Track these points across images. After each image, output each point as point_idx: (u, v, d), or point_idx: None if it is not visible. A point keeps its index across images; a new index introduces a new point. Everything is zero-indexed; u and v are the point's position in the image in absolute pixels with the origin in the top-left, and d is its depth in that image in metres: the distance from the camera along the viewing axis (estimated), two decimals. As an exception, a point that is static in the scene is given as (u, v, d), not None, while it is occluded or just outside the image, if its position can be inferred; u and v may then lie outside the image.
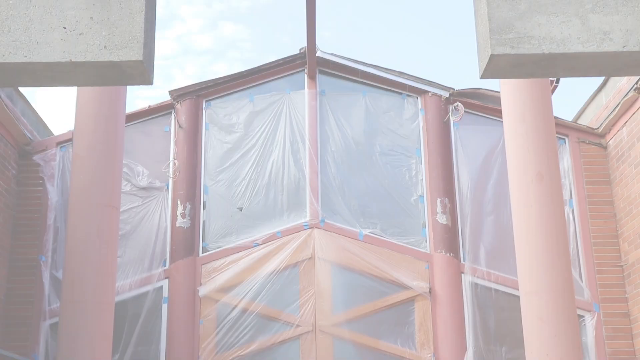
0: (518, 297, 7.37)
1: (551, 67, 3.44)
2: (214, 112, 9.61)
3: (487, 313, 8.78)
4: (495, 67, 3.45)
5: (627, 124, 8.44)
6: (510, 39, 3.35)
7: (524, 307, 7.08)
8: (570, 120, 9.64)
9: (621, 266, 8.63)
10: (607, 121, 8.79)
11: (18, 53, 3.33)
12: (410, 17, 24.43)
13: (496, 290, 8.83)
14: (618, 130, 8.67)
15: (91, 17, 3.38)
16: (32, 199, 8.79)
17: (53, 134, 9.58)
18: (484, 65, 3.47)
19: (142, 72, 3.44)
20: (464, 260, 8.95)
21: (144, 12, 3.41)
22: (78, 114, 7.41)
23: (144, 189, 9.15)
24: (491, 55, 3.36)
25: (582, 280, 8.69)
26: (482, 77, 3.57)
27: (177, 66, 24.27)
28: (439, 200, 9.09)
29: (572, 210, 8.93)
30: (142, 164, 9.26)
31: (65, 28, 3.37)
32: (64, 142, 9.05)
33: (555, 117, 7.94)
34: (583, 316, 8.50)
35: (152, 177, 9.22)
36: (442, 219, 9.02)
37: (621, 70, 3.46)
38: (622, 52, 3.28)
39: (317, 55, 9.41)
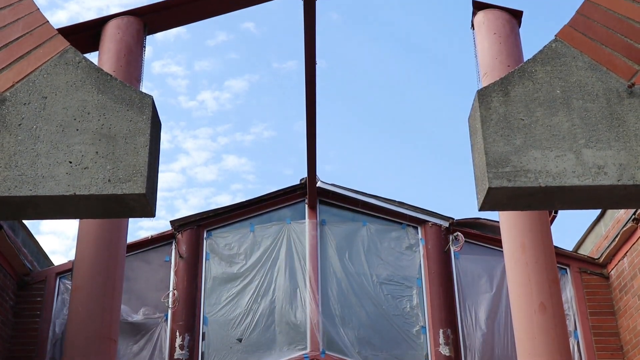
0: None
1: (548, 200, 3.48)
2: (215, 242, 9.62)
3: None
4: (493, 199, 3.48)
5: (627, 254, 8.43)
6: (507, 173, 3.40)
7: None
8: (571, 249, 9.64)
9: (631, 400, 8.38)
10: (607, 251, 8.79)
11: (23, 187, 3.37)
12: (410, 148, 24.91)
13: None
14: (619, 261, 8.65)
15: (97, 152, 3.45)
16: (29, 331, 8.66)
17: (53, 264, 9.56)
18: (482, 198, 3.50)
19: (144, 205, 3.47)
20: (468, 394, 8.71)
21: (148, 146, 3.48)
22: (79, 244, 7.40)
23: (140, 322, 9.03)
24: (489, 188, 3.40)
25: (591, 416, 8.43)
26: (480, 210, 3.60)
27: (181, 197, 24.54)
28: (441, 331, 8.95)
29: (578, 342, 8.77)
30: (141, 294, 9.19)
31: (71, 162, 3.43)
32: (64, 272, 9.01)
33: (556, 247, 7.94)
34: None
35: (149, 310, 9.11)
36: (445, 350, 8.85)
37: (617, 203, 3.49)
38: (617, 186, 3.33)
39: (317, 185, 9.54)
